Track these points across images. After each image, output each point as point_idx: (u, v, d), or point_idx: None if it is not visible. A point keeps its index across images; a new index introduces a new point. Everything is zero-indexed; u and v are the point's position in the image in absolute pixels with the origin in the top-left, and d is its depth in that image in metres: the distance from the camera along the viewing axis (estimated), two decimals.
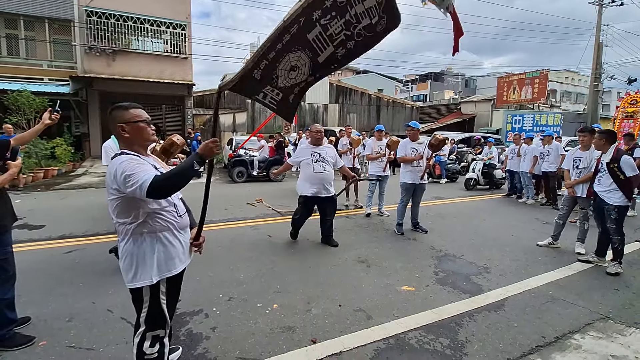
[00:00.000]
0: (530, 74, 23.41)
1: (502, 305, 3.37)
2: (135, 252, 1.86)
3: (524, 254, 4.85)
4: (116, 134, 1.93)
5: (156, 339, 1.97)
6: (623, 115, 14.75)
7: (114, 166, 1.77)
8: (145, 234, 1.87)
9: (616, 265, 4.18)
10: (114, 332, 2.79)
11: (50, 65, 14.73)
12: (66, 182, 10.19)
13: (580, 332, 2.93)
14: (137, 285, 1.88)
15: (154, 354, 1.97)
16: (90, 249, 4.69)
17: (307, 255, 4.65)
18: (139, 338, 1.95)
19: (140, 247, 1.87)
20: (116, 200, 1.81)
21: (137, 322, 1.97)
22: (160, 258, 1.90)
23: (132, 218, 1.84)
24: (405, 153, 5.68)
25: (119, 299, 3.32)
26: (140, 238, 1.86)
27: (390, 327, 2.93)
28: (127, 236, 1.86)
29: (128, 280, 1.89)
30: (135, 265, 1.87)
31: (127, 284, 1.90)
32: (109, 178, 1.79)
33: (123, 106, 1.94)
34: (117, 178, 1.73)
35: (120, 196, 1.79)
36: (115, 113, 1.92)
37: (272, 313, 3.13)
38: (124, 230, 1.86)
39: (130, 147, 1.91)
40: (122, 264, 1.90)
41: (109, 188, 1.81)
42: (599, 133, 4.40)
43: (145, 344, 1.95)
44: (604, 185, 4.25)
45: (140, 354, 1.95)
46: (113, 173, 1.76)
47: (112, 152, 3.66)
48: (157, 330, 1.98)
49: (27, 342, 2.63)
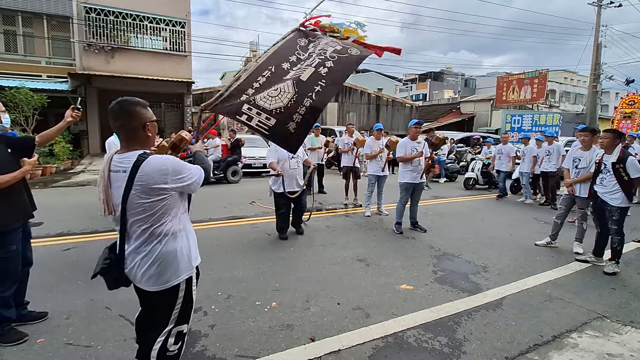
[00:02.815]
0: (530, 74, 23.46)
1: (500, 304, 3.39)
2: (172, 249, 1.82)
3: (522, 253, 4.87)
4: (136, 132, 1.80)
5: (180, 335, 1.94)
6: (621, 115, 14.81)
7: (163, 167, 1.71)
8: (181, 229, 1.86)
9: (613, 264, 4.20)
10: (113, 330, 2.79)
11: (49, 62, 14.69)
12: (65, 180, 10.17)
13: (577, 331, 2.95)
14: (177, 282, 1.85)
15: (175, 351, 1.93)
16: (89, 247, 4.69)
17: (306, 253, 4.66)
18: (164, 336, 1.88)
19: (178, 242, 1.85)
20: (163, 200, 1.74)
21: (164, 322, 1.88)
22: (192, 247, 1.93)
23: (172, 216, 1.81)
24: (405, 152, 5.69)
25: (118, 296, 3.29)
26: (179, 234, 1.85)
27: (389, 326, 2.94)
28: (161, 236, 1.79)
29: (163, 282, 1.80)
30: (176, 262, 1.83)
31: (161, 286, 1.81)
32: (153, 180, 1.69)
33: (142, 103, 1.84)
34: (168, 177, 1.71)
35: (170, 194, 1.75)
36: (139, 110, 1.80)
37: (271, 311, 3.14)
38: (158, 231, 1.78)
39: (147, 147, 1.84)
40: (152, 268, 1.78)
41: (151, 190, 1.70)
42: (609, 132, 4.36)
43: (170, 341, 1.89)
44: (607, 186, 4.24)
45: (163, 351, 1.88)
46: (167, 174, 1.71)
47: (117, 148, 3.67)
48: (183, 325, 1.94)
49: (19, 339, 2.62)
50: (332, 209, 7.36)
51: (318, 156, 8.94)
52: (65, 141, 12.42)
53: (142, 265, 1.79)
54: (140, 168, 1.68)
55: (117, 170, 1.75)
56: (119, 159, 1.76)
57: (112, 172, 1.76)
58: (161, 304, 1.88)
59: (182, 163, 1.78)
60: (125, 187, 1.69)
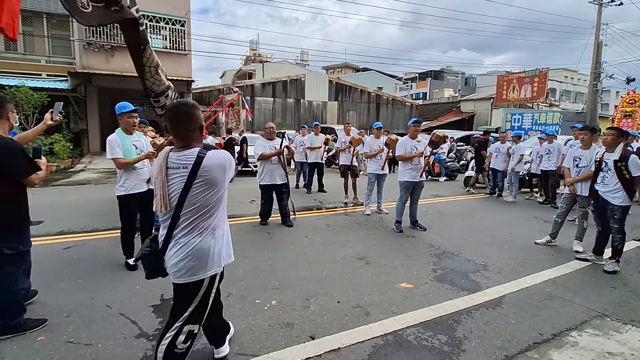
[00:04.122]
0: (530, 73, 23.45)
1: (499, 302, 3.39)
2: (207, 246, 1.90)
3: (522, 252, 4.87)
4: (194, 133, 1.92)
5: (190, 334, 1.98)
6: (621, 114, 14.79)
7: (223, 161, 1.87)
8: (220, 226, 1.99)
9: (614, 263, 4.20)
10: (113, 328, 2.79)
11: (49, 61, 14.69)
12: (65, 178, 10.18)
13: (577, 330, 2.95)
14: (205, 276, 1.91)
15: (183, 350, 1.96)
16: (89, 245, 4.69)
17: (306, 252, 4.66)
18: (174, 332, 1.93)
19: (216, 239, 1.94)
20: (217, 193, 1.89)
21: (176, 316, 1.96)
22: (226, 245, 2.04)
23: (218, 211, 1.94)
24: (405, 151, 5.68)
25: (118, 294, 3.33)
26: (217, 230, 1.96)
27: (389, 324, 2.94)
28: (207, 230, 1.90)
29: (192, 273, 1.89)
30: (206, 258, 1.90)
31: (190, 278, 1.89)
32: (216, 174, 1.84)
33: (198, 106, 1.98)
34: (226, 172, 1.89)
35: (224, 188, 1.94)
36: (197, 113, 1.93)
37: (271, 309, 3.14)
38: (204, 225, 1.89)
39: (200, 145, 1.94)
40: (184, 261, 1.87)
41: (212, 184, 1.84)
42: (613, 129, 4.33)
43: (179, 338, 1.93)
44: (609, 185, 4.22)
45: (171, 347, 1.92)
46: (225, 167, 1.88)
47: (117, 146, 3.70)
48: (195, 324, 1.98)
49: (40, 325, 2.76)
50: (332, 208, 7.36)
51: (318, 155, 8.94)
52: (66, 140, 12.43)
53: (176, 255, 1.88)
54: (202, 164, 1.81)
55: (176, 167, 1.85)
56: (176, 156, 1.86)
57: (169, 168, 1.86)
58: (181, 295, 1.96)
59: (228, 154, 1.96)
60: (187, 182, 1.81)
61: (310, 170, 9.13)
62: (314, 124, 9.74)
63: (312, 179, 9.18)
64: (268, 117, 20.11)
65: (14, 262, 2.69)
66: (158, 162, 1.92)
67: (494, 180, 9.21)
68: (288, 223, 5.87)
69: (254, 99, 19.93)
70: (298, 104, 21.40)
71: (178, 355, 1.95)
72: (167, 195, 1.85)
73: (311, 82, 21.72)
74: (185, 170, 1.82)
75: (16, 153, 2.61)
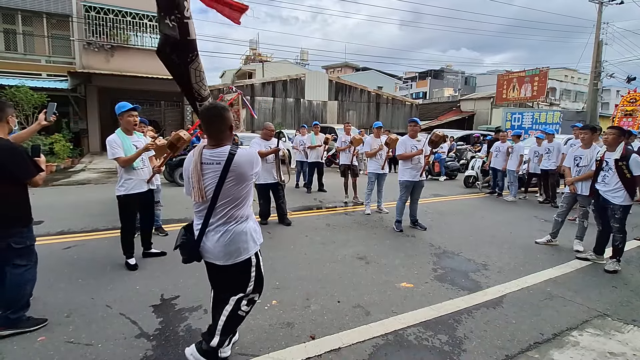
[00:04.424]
0: (530, 72, 23.40)
1: (500, 302, 3.39)
2: (245, 230, 2.17)
3: (522, 251, 4.87)
4: (224, 132, 2.14)
5: (252, 302, 2.31)
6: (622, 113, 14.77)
7: (251, 158, 2.12)
8: (250, 214, 2.26)
9: (614, 262, 4.19)
10: (113, 328, 2.79)
11: (49, 61, 14.68)
12: (65, 178, 10.18)
13: (578, 329, 2.94)
14: (250, 254, 2.20)
15: (244, 313, 2.27)
16: (89, 245, 4.69)
17: (306, 252, 4.65)
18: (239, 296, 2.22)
19: (249, 224, 2.21)
20: (247, 187, 2.15)
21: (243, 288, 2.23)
22: (257, 229, 2.30)
23: (248, 202, 2.21)
24: (405, 150, 5.68)
25: (118, 294, 3.33)
26: (250, 217, 2.24)
27: (389, 324, 2.93)
28: (241, 218, 2.17)
29: (241, 252, 2.16)
30: (250, 238, 2.20)
31: (240, 257, 2.16)
32: (245, 169, 2.08)
33: (227, 108, 2.19)
34: (253, 167, 2.12)
35: (252, 182, 2.19)
36: (227, 114, 2.14)
37: (271, 309, 3.14)
38: (238, 214, 2.15)
39: (229, 143, 2.16)
40: (228, 246, 2.13)
41: (246, 178, 2.11)
42: (614, 129, 4.32)
43: (243, 302, 2.24)
44: (609, 184, 4.21)
45: (236, 308, 2.22)
46: (253, 163, 2.12)
47: (117, 146, 3.70)
48: (256, 293, 2.31)
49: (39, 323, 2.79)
50: (332, 207, 7.35)
51: (317, 154, 8.93)
52: (66, 140, 12.43)
53: (220, 242, 2.13)
54: (234, 160, 2.05)
55: (210, 162, 2.08)
56: (210, 153, 2.10)
57: (203, 164, 2.09)
58: (236, 274, 2.23)
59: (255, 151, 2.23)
60: (220, 176, 2.05)
61: (310, 170, 9.12)
62: (314, 124, 9.72)
63: (312, 179, 9.17)
64: (268, 117, 20.09)
65: (22, 256, 2.76)
66: (193, 159, 2.11)
67: (494, 179, 9.21)
68: (286, 222, 5.91)
69: (254, 98, 19.91)
70: (298, 104, 21.38)
71: (239, 317, 2.27)
72: (203, 188, 2.07)
73: (311, 82, 21.70)
74: (218, 165, 2.05)
75: (21, 156, 2.67)
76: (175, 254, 4.32)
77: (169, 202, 6.89)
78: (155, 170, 4.14)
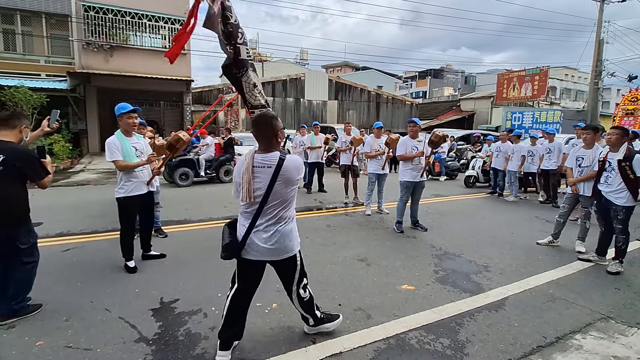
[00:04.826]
0: (530, 71, 23.34)
1: (502, 304, 3.36)
2: (290, 230, 2.40)
3: (523, 252, 4.84)
4: (273, 139, 2.33)
5: (305, 287, 2.61)
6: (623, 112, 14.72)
7: (298, 164, 2.32)
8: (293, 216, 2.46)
9: (617, 264, 4.16)
10: (112, 332, 2.76)
11: (48, 61, 14.64)
12: (64, 179, 10.15)
13: (581, 332, 2.91)
14: (294, 253, 2.44)
15: (307, 297, 2.62)
16: (89, 247, 4.66)
17: (307, 253, 4.56)
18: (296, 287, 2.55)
19: (293, 225, 2.44)
20: (293, 190, 2.34)
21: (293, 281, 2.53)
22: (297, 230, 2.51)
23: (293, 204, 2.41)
24: (406, 151, 5.65)
25: (117, 298, 3.30)
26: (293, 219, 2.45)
27: (391, 327, 2.91)
28: (288, 219, 2.38)
29: (289, 249, 2.40)
30: (295, 237, 2.44)
31: (288, 254, 2.41)
32: (293, 174, 2.28)
33: (276, 116, 2.39)
34: (299, 172, 2.32)
35: (297, 186, 2.38)
36: (275, 123, 2.33)
37: (272, 313, 3.11)
38: (286, 215, 2.36)
39: (278, 149, 2.36)
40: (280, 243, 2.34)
41: (292, 182, 2.30)
42: (617, 129, 4.28)
43: (301, 291, 2.57)
44: (612, 185, 4.17)
45: (301, 299, 2.58)
46: (299, 169, 2.32)
47: (116, 149, 3.68)
48: (304, 280, 2.60)
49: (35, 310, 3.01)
50: (332, 208, 7.32)
51: (317, 155, 8.90)
52: (65, 140, 12.40)
53: (269, 241, 2.32)
54: (283, 165, 2.24)
55: (262, 166, 2.26)
56: (261, 157, 2.28)
57: (255, 167, 2.26)
58: (285, 269, 2.51)
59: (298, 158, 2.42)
60: (271, 179, 2.23)
61: (310, 170, 9.09)
62: (314, 124, 9.68)
63: (312, 179, 9.14)
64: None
65: (29, 254, 2.96)
66: (245, 162, 2.30)
67: (494, 179, 9.18)
68: None
69: None
70: (298, 103, 21.34)
71: (308, 301, 2.64)
72: (252, 189, 2.25)
73: (311, 81, 21.66)
74: (269, 169, 2.24)
75: (34, 159, 2.92)
76: (174, 256, 4.33)
77: (169, 203, 6.87)
78: (154, 172, 4.11)
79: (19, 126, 2.93)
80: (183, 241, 4.99)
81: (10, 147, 2.81)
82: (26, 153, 2.91)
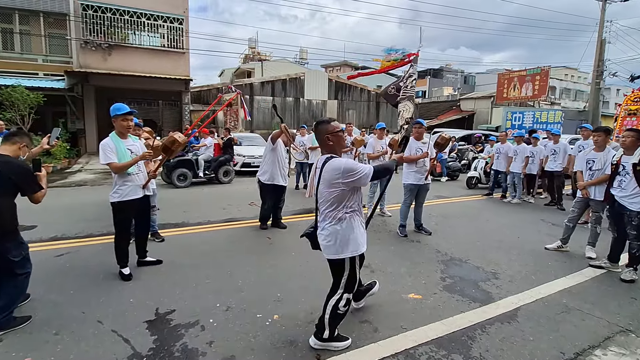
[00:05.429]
0: (531, 71, 23.17)
1: (514, 315, 3.20)
2: (339, 231, 2.45)
3: (532, 257, 4.69)
4: (325, 142, 2.51)
5: (348, 301, 2.59)
6: (626, 112, 14.57)
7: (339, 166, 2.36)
8: (347, 219, 2.46)
9: (631, 271, 4.01)
10: (104, 347, 2.61)
11: (45, 60, 14.47)
12: (61, 180, 9.97)
13: (600, 347, 2.76)
14: (342, 256, 2.48)
15: (343, 312, 2.58)
16: (83, 252, 4.51)
17: (309, 259, 4.45)
18: (337, 298, 2.56)
19: (345, 227, 2.45)
20: (334, 192, 2.41)
21: (336, 286, 2.58)
22: (358, 235, 2.51)
23: (342, 205, 2.44)
24: (410, 153, 5.49)
25: (110, 308, 3.15)
26: (345, 221, 2.46)
27: (399, 342, 2.75)
28: (334, 220, 2.45)
29: (332, 252, 2.49)
30: (341, 241, 2.45)
31: (331, 256, 2.51)
32: (332, 175, 2.36)
33: (327, 120, 2.55)
34: (343, 174, 2.34)
35: (341, 188, 2.39)
36: (323, 126, 2.52)
37: (273, 325, 2.96)
38: (331, 215, 2.45)
39: (333, 152, 2.52)
40: (326, 241, 2.50)
41: (330, 184, 2.39)
42: (632, 131, 4.11)
43: (341, 303, 2.55)
44: (627, 190, 4.00)
45: (335, 309, 2.55)
46: (340, 171, 2.34)
47: (110, 151, 3.53)
48: (350, 293, 2.59)
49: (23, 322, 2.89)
50: None
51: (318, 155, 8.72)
52: (62, 140, 12.21)
53: (323, 237, 2.52)
54: (325, 167, 2.42)
55: (318, 167, 2.50)
56: (321, 159, 2.51)
57: (317, 168, 2.51)
58: (335, 269, 2.60)
59: (353, 163, 2.46)
60: (317, 180, 2.49)
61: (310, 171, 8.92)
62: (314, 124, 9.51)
63: None
64: (267, 116, 19.91)
65: (20, 266, 2.91)
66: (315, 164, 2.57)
67: (494, 181, 9.03)
68: (282, 225, 5.80)
69: (253, 97, 19.71)
70: (297, 103, 21.18)
71: (340, 316, 2.59)
72: (313, 187, 2.58)
73: (310, 81, 21.50)
74: (317, 170, 2.49)
75: (29, 173, 2.95)
76: (171, 261, 4.18)
77: (166, 205, 6.71)
78: (150, 175, 3.95)
79: (19, 143, 2.98)
80: (180, 245, 4.83)
81: (5, 161, 2.84)
82: (21, 167, 2.92)
